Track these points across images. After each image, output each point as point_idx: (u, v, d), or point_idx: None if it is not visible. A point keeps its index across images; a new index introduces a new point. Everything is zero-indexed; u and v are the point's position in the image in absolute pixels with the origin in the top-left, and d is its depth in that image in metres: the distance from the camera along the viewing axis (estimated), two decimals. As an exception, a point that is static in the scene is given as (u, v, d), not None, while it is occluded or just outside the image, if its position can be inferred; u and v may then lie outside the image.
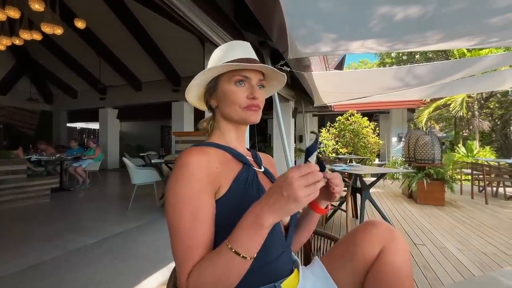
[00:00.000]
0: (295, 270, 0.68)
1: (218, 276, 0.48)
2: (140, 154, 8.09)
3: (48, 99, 10.75)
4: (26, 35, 4.93)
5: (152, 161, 5.49)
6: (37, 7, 4.28)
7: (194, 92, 0.74)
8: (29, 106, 10.09)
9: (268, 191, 0.48)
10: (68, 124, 11.56)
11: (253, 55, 0.71)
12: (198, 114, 8.43)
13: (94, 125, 12.55)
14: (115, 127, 10.21)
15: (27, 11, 4.68)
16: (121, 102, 9.43)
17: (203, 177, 0.57)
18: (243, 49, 0.70)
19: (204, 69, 0.68)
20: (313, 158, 0.60)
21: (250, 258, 0.48)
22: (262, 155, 0.83)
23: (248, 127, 0.76)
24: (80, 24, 5.05)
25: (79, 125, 12.81)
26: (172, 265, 2.04)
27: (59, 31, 4.76)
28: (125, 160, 4.08)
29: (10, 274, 1.93)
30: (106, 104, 9.68)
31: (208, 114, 0.80)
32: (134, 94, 8.94)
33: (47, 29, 4.63)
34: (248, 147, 0.80)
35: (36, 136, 9.65)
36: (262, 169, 0.73)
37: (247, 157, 0.71)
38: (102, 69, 8.01)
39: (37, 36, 5.03)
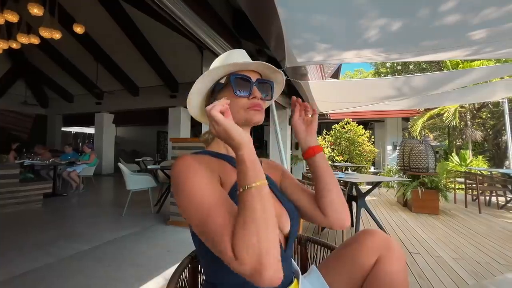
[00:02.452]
0: (295, 280, 0.67)
1: (254, 220, 0.46)
2: (136, 160, 8.03)
3: (43, 103, 10.66)
4: (23, 39, 4.93)
5: (148, 166, 5.46)
6: (36, 11, 4.30)
7: (194, 102, 0.73)
8: (23, 110, 9.99)
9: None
10: (63, 129, 11.45)
11: (249, 60, 0.72)
12: (195, 120, 8.42)
13: (89, 130, 12.45)
14: (111, 132, 10.14)
15: (26, 15, 4.69)
16: (118, 107, 9.40)
17: (207, 169, 0.58)
18: (239, 55, 0.72)
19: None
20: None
21: (262, 184, 0.50)
22: (264, 161, 0.81)
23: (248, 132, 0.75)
24: (79, 29, 5.07)
25: (74, 129, 12.69)
26: (167, 273, 2.02)
27: (57, 35, 4.77)
28: (120, 165, 4.05)
29: (0, 282, 1.89)
30: (102, 108, 9.64)
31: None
32: (131, 99, 8.93)
33: (45, 33, 4.64)
34: None
35: (29, 140, 9.53)
36: None
37: None
38: (99, 74, 8.01)
39: (35, 40, 5.03)
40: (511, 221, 3.75)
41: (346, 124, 8.46)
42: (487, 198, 5.09)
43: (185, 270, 0.68)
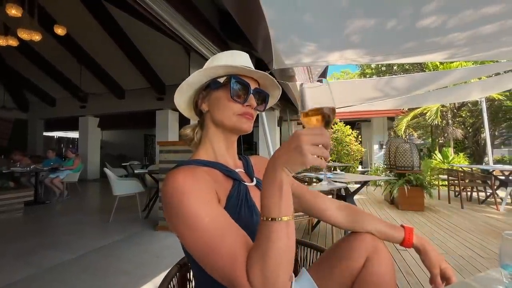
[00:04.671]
0: None
1: (275, 251, 0.44)
2: (122, 164, 7.84)
3: (23, 107, 10.24)
4: (1, 41, 4.73)
5: (135, 171, 5.34)
6: (14, 12, 4.14)
7: (186, 94, 0.70)
8: (2, 114, 9.56)
9: (278, 148, 0.48)
10: (45, 133, 11.03)
11: (252, 67, 0.70)
12: (183, 123, 8.33)
13: (73, 134, 12.07)
14: (96, 136, 9.87)
15: (3, 16, 4.50)
16: (103, 111, 9.16)
17: (203, 188, 0.54)
18: (243, 58, 0.70)
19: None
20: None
21: (290, 218, 0.46)
22: (254, 159, 0.80)
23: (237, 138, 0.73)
24: (60, 30, 4.92)
25: (56, 134, 12.26)
26: (156, 280, 1.97)
27: (37, 37, 4.61)
28: (106, 170, 3.94)
29: (-23, 297, 1.79)
30: (86, 112, 9.37)
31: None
32: (116, 102, 8.72)
33: (24, 35, 4.47)
34: (239, 156, 0.76)
35: (9, 146, 9.12)
36: (254, 182, 0.70)
37: (238, 170, 0.68)
38: (83, 76, 7.78)
39: (13, 42, 4.84)
40: (491, 215, 3.92)
41: (333, 124, 8.59)
42: (469, 193, 5.29)
43: (173, 279, 0.66)
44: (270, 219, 0.45)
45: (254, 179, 0.72)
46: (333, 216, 0.77)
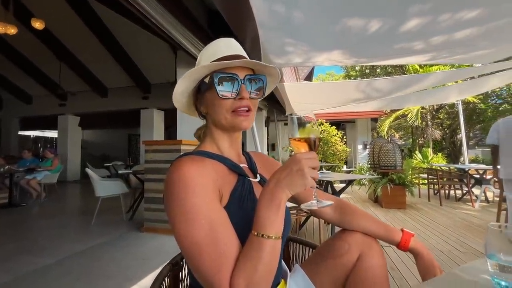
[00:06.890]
0: (282, 281, 0.67)
1: (261, 266, 0.46)
2: (105, 164, 7.58)
3: (-4, 104, 9.68)
4: (-28, 34, 4.44)
5: (119, 171, 5.18)
6: (-13, 4, 3.90)
7: (181, 101, 0.69)
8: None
9: (279, 169, 0.51)
10: (20, 132, 10.47)
11: (239, 51, 0.66)
12: (169, 122, 8.18)
13: (52, 133, 11.53)
14: (77, 136, 9.49)
15: (-26, 8, 4.24)
16: (84, 109, 8.82)
17: (208, 184, 0.53)
18: (226, 45, 0.65)
19: (176, 77, 0.65)
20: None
21: (280, 237, 0.49)
22: (255, 156, 0.78)
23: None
24: (37, 24, 4.70)
25: (33, 133, 11.67)
26: (143, 283, 1.92)
27: (12, 30, 4.37)
28: (88, 171, 3.79)
29: None
30: (66, 110, 8.98)
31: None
32: (99, 100, 8.42)
33: (-2, 28, 4.23)
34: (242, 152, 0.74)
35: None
36: (258, 179, 0.69)
37: (242, 166, 0.67)
38: (63, 73, 7.44)
39: (-14, 36, 4.56)
40: (467, 212, 4.13)
41: (319, 125, 8.75)
42: (447, 191, 5.55)
43: (166, 279, 0.65)
44: (262, 235, 0.47)
45: (258, 175, 0.71)
46: (326, 213, 0.77)
